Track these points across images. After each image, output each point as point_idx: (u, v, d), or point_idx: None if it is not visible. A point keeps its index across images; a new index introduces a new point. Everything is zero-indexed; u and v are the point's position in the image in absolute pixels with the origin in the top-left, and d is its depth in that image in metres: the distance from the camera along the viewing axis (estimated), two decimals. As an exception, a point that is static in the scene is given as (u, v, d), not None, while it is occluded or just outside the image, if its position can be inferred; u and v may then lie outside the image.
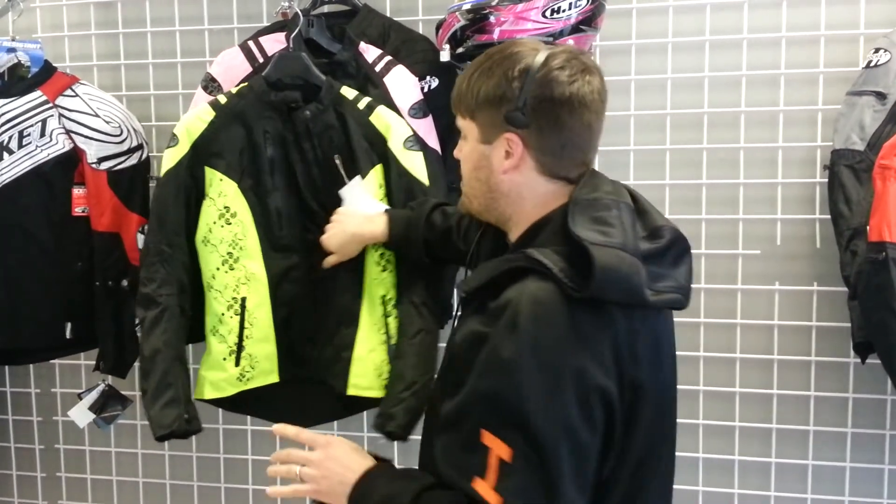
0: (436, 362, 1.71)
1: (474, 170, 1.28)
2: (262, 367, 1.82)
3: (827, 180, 1.86)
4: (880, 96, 1.79)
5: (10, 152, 2.01)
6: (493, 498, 1.09)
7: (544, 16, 1.71)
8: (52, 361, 2.36)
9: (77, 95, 2.04)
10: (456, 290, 1.88)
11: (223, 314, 1.80)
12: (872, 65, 1.81)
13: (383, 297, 1.76)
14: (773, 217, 2.00)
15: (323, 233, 1.75)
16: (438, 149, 1.85)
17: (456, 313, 1.37)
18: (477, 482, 1.10)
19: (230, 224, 1.79)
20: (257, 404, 1.86)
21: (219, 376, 1.81)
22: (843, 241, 1.79)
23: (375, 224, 1.70)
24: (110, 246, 2.04)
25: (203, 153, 1.78)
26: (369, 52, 1.88)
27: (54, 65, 2.11)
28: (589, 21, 1.74)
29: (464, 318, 1.26)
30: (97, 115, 2.02)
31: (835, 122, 1.85)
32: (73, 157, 2.02)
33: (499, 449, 1.09)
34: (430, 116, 1.87)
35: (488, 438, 1.10)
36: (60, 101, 2.02)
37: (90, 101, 2.04)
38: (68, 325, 2.07)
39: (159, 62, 2.26)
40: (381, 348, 1.76)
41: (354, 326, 1.77)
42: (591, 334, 1.12)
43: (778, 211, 1.99)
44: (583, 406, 1.10)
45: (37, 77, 2.06)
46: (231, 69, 1.92)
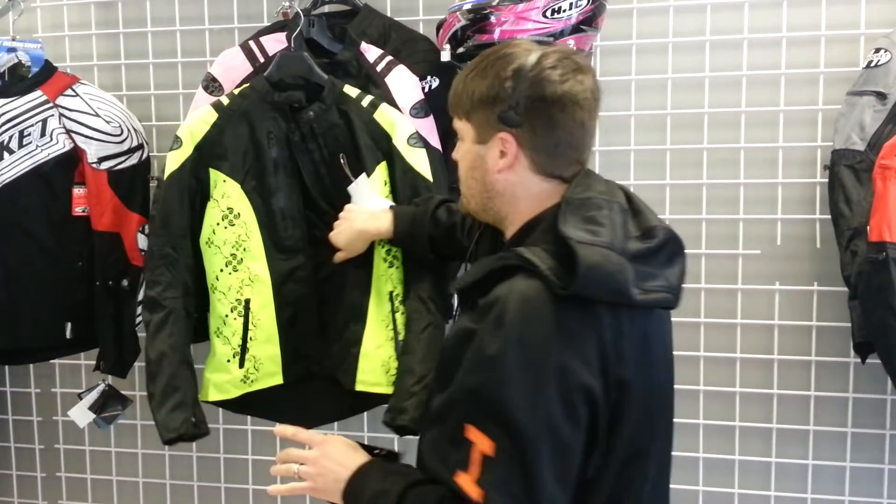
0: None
1: (470, 169, 1.30)
2: (267, 368, 1.82)
3: (827, 180, 1.86)
4: (881, 96, 1.79)
5: (11, 152, 2.01)
6: (475, 491, 1.10)
7: (545, 16, 1.71)
8: (52, 361, 2.35)
9: (77, 95, 2.04)
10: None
11: (227, 316, 1.80)
12: (873, 65, 1.81)
13: (391, 292, 1.77)
14: (773, 217, 2.00)
15: (332, 230, 1.76)
16: (440, 148, 1.86)
17: (456, 311, 1.38)
18: (460, 475, 1.12)
19: (234, 225, 1.79)
20: (262, 405, 1.86)
21: (223, 378, 1.81)
22: (844, 241, 1.79)
23: (381, 221, 1.71)
24: (110, 246, 2.04)
25: (207, 155, 1.78)
26: (370, 52, 1.89)
27: (55, 64, 2.11)
28: (589, 21, 1.75)
29: (459, 315, 1.27)
30: (97, 115, 2.02)
31: (835, 123, 1.85)
32: (74, 157, 2.02)
33: (482, 443, 1.11)
34: (431, 116, 1.87)
35: (472, 433, 1.12)
36: (61, 100, 2.02)
37: (91, 100, 2.04)
38: (68, 324, 2.07)
39: (160, 62, 2.26)
40: (389, 344, 1.76)
41: (362, 322, 1.77)
42: (576, 332, 1.13)
43: (778, 211, 1.99)
44: (566, 403, 1.11)
45: (37, 77, 2.06)
46: (232, 69, 1.92)
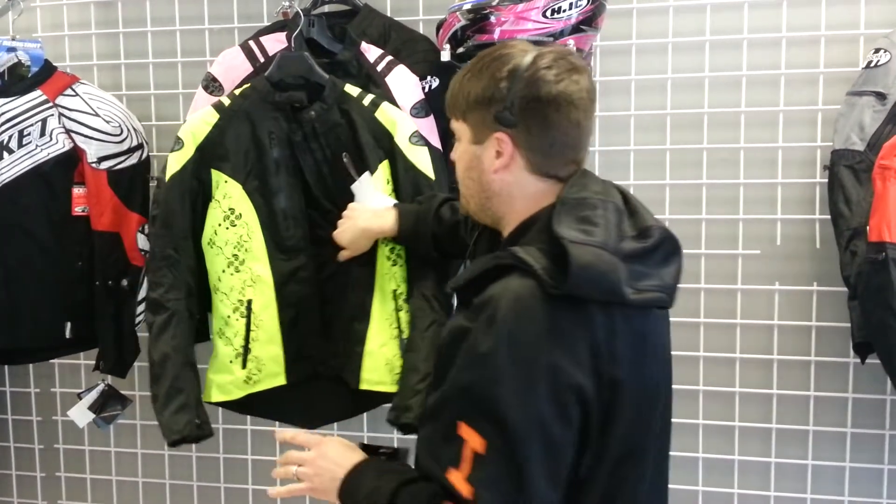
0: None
1: (467, 170, 1.31)
2: (269, 369, 1.81)
3: (827, 180, 1.86)
4: (880, 96, 1.79)
5: (10, 152, 2.01)
6: (465, 488, 1.11)
7: (545, 16, 1.71)
8: (51, 361, 2.35)
9: (77, 95, 2.04)
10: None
11: (229, 316, 1.80)
12: (872, 65, 1.81)
13: (394, 291, 1.77)
14: (773, 217, 2.00)
15: (334, 230, 1.76)
16: (440, 148, 1.85)
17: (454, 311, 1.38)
18: (451, 472, 1.12)
19: (235, 226, 1.79)
20: (266, 406, 1.86)
21: (226, 379, 1.81)
22: (843, 242, 1.79)
23: (385, 219, 1.71)
24: (110, 245, 2.04)
25: (208, 156, 1.77)
26: (370, 52, 1.89)
27: (54, 64, 2.10)
28: (589, 21, 1.75)
29: (454, 313, 1.28)
30: (97, 115, 2.02)
31: (835, 123, 1.85)
32: (73, 157, 2.02)
33: (473, 441, 1.11)
34: (432, 116, 1.87)
35: (464, 430, 1.12)
36: (60, 100, 2.02)
37: (90, 100, 2.04)
38: (68, 324, 2.07)
39: (159, 62, 2.26)
40: (393, 343, 1.76)
41: (366, 321, 1.77)
42: (568, 332, 1.13)
43: (778, 211, 1.99)
44: (556, 402, 1.11)
45: (37, 76, 2.06)
46: (232, 69, 1.92)
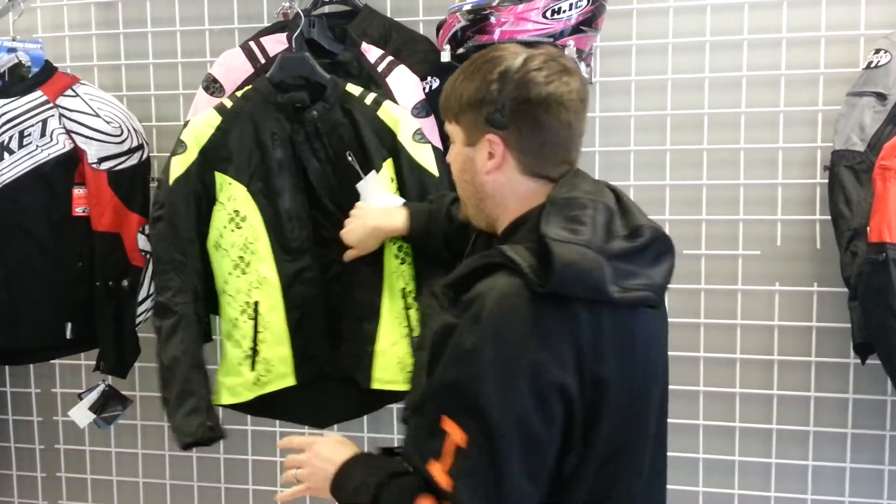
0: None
1: (461, 172, 1.32)
2: (278, 370, 1.82)
3: (827, 181, 1.86)
4: (881, 97, 1.79)
5: (11, 152, 2.01)
6: (445, 480, 1.13)
7: (545, 16, 1.71)
8: (52, 361, 2.35)
9: (77, 95, 2.04)
10: None
11: (237, 319, 1.80)
12: (873, 66, 1.81)
13: (403, 289, 1.77)
14: (773, 218, 2.00)
15: (340, 230, 1.76)
16: (440, 148, 1.85)
17: None
18: (432, 464, 1.14)
19: (240, 228, 1.79)
20: (276, 407, 1.86)
21: (235, 381, 1.81)
22: (844, 242, 1.79)
23: (395, 218, 1.72)
24: (111, 246, 2.04)
25: (212, 158, 1.77)
26: (371, 53, 1.89)
27: (55, 65, 2.11)
28: (589, 22, 1.75)
29: (445, 310, 1.29)
30: (98, 115, 2.02)
31: (835, 123, 1.85)
32: (74, 157, 2.02)
33: (456, 435, 1.13)
34: (433, 116, 1.87)
35: (448, 424, 1.14)
36: (61, 101, 2.02)
37: (91, 101, 2.04)
38: (68, 325, 2.07)
39: (160, 62, 2.26)
40: (404, 341, 1.77)
41: (376, 321, 1.78)
42: (552, 330, 1.14)
43: (778, 212, 1.99)
44: (538, 400, 1.12)
45: (37, 77, 2.06)
46: (232, 70, 1.92)
